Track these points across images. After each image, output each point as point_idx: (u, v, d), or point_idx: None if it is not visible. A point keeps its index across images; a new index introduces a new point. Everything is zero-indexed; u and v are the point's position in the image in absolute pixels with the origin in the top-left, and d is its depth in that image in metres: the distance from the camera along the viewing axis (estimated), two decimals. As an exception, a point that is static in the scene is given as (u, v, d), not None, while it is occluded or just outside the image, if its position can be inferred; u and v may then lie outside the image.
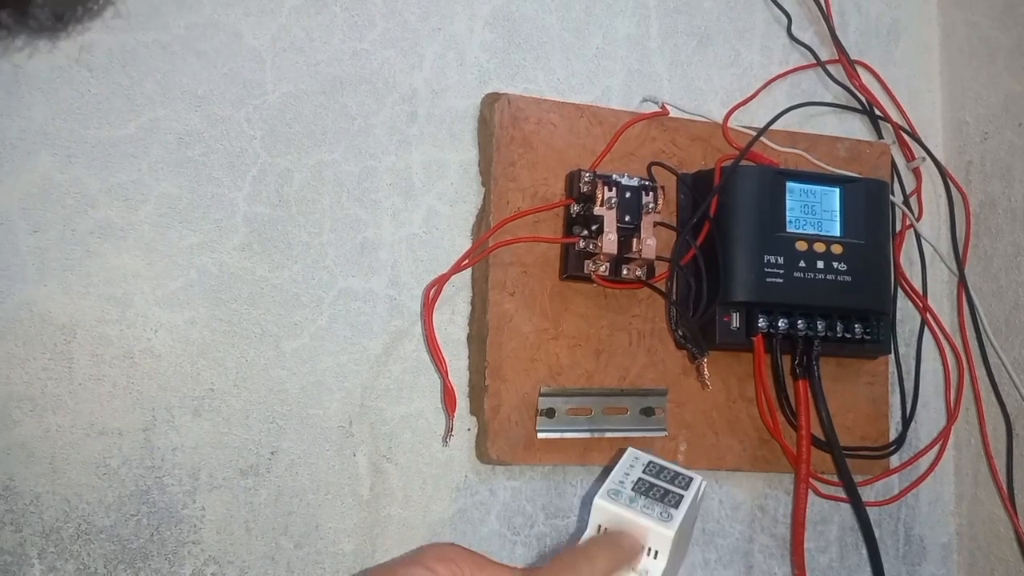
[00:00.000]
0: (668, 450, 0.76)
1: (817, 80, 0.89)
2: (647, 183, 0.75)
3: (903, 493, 0.85)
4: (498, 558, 0.55)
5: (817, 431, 0.79)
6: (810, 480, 0.79)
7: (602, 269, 0.73)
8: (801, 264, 0.77)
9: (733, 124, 0.82)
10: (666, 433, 0.76)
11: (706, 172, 0.79)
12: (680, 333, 0.77)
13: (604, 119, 0.78)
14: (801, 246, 0.77)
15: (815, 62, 0.88)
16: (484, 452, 0.73)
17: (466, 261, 0.73)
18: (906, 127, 0.90)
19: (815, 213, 0.79)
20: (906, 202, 0.88)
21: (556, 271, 0.75)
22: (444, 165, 0.75)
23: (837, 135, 0.87)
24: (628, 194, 0.73)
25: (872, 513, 0.82)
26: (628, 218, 0.73)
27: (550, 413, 0.73)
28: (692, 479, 0.56)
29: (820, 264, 0.77)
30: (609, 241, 0.72)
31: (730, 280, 0.75)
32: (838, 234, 0.79)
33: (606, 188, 0.72)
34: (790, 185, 0.78)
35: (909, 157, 0.90)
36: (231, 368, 0.69)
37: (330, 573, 0.70)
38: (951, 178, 0.89)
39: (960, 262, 0.88)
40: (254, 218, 0.70)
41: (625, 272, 0.74)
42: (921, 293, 0.88)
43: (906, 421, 0.85)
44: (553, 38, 0.80)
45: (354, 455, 0.71)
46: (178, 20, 0.69)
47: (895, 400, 0.86)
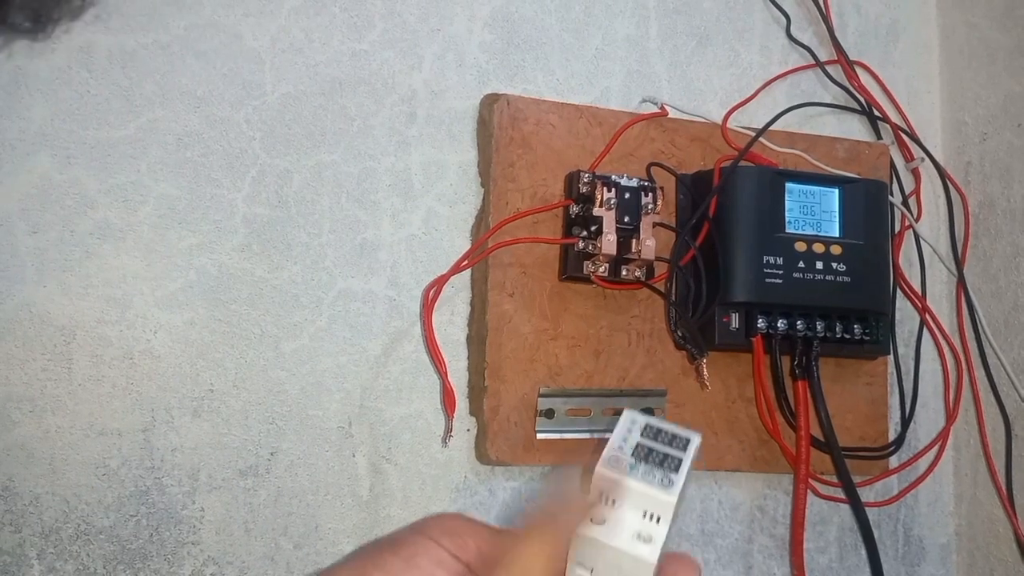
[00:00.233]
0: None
1: (816, 81, 0.89)
2: (646, 184, 0.75)
3: (902, 494, 0.85)
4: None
5: (816, 432, 0.79)
6: (809, 481, 0.79)
7: (601, 270, 0.73)
8: (800, 265, 0.77)
9: (732, 125, 0.82)
10: (665, 434, 0.76)
11: (705, 173, 0.79)
12: (679, 334, 0.77)
13: (603, 120, 0.78)
14: (800, 247, 0.77)
15: (814, 63, 0.88)
16: (483, 453, 0.73)
17: (465, 262, 0.73)
18: (905, 128, 0.90)
19: (814, 214, 0.79)
20: (905, 203, 0.88)
21: (555, 272, 0.75)
22: (443, 166, 0.76)
23: (836, 136, 0.87)
24: (627, 195, 0.73)
25: (871, 514, 0.82)
26: (627, 219, 0.73)
27: (549, 414, 0.73)
28: (690, 440, 0.57)
29: (819, 265, 0.77)
30: (608, 242, 0.72)
31: (729, 281, 0.76)
32: (837, 235, 0.79)
33: (605, 189, 0.72)
34: (789, 186, 0.79)
35: (908, 158, 0.90)
36: (230, 369, 0.69)
37: (329, 574, 0.70)
38: (950, 179, 0.90)
39: (959, 263, 0.88)
40: (253, 219, 0.70)
41: (624, 273, 0.74)
42: (920, 294, 0.88)
43: (905, 422, 0.85)
44: (552, 39, 0.80)
45: (353, 456, 0.71)
46: (178, 21, 0.69)
47: (894, 401, 0.86)
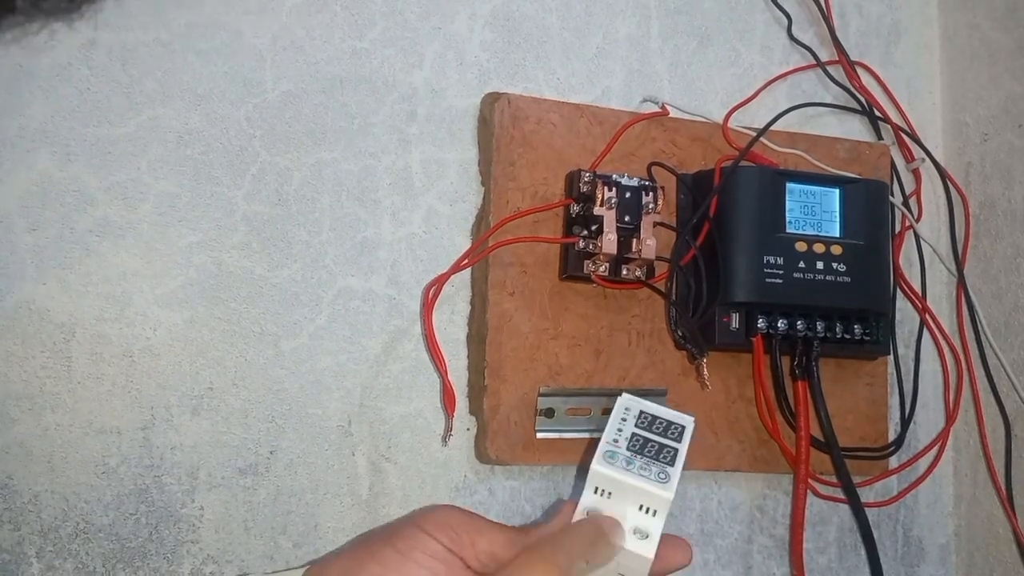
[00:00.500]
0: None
1: (817, 81, 0.89)
2: (647, 183, 0.75)
3: (902, 494, 0.85)
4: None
5: (816, 432, 0.79)
6: (809, 481, 0.79)
7: (602, 269, 0.73)
8: (801, 265, 0.77)
9: (733, 124, 0.82)
10: (665, 433, 0.76)
11: (706, 172, 0.78)
12: (680, 333, 0.77)
13: (604, 119, 0.78)
14: (801, 247, 0.77)
15: (815, 63, 0.88)
16: (483, 452, 0.72)
17: (466, 261, 0.73)
18: (906, 128, 0.90)
19: (815, 214, 0.79)
20: (906, 203, 0.88)
21: (556, 271, 0.75)
22: (444, 164, 0.75)
23: (837, 136, 0.87)
24: (628, 194, 0.73)
25: (871, 514, 0.82)
26: (628, 218, 0.73)
27: (549, 413, 0.73)
28: (684, 427, 0.57)
29: (820, 265, 0.77)
30: (609, 241, 0.72)
31: (730, 280, 0.75)
32: (838, 235, 0.79)
33: (606, 188, 0.72)
34: (790, 186, 0.78)
35: (909, 158, 0.90)
36: (230, 367, 0.69)
37: (329, 573, 0.70)
38: (951, 179, 0.89)
39: (959, 263, 0.88)
40: (253, 217, 0.70)
41: (625, 272, 0.74)
42: (920, 294, 0.88)
43: (905, 422, 0.85)
44: (553, 38, 0.80)
45: (353, 455, 0.71)
46: (178, 19, 0.69)
47: (894, 401, 0.86)
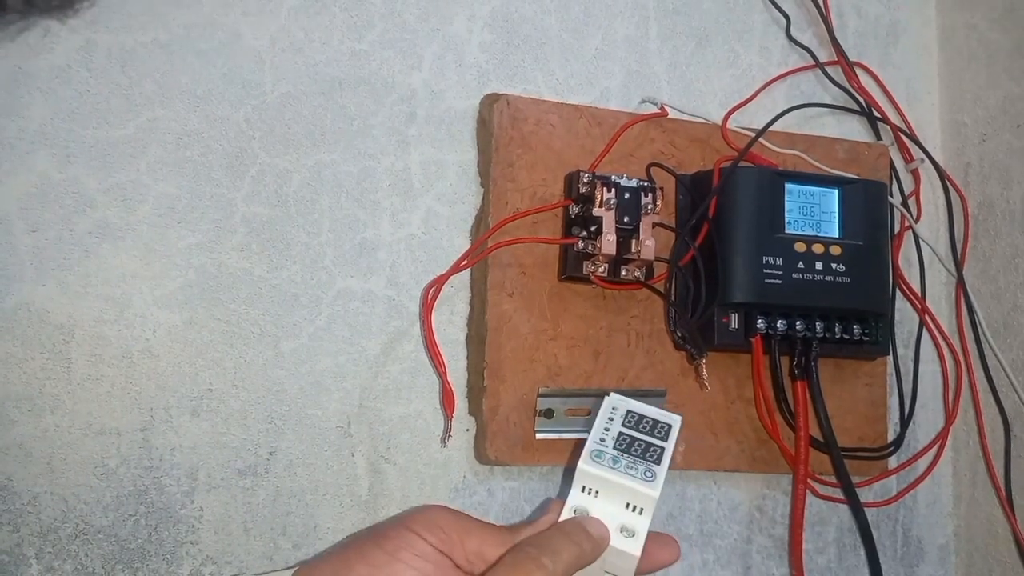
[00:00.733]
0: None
1: (816, 81, 0.89)
2: (646, 184, 0.75)
3: (901, 494, 0.85)
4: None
5: (815, 432, 0.79)
6: (808, 481, 0.79)
7: (601, 270, 0.73)
8: (800, 265, 0.77)
9: (732, 125, 0.82)
10: (664, 434, 0.76)
11: (705, 173, 0.79)
12: (679, 334, 0.77)
13: (603, 120, 0.78)
14: (800, 247, 0.77)
15: (814, 63, 0.88)
16: (482, 453, 0.72)
17: (465, 262, 0.73)
18: (905, 129, 0.90)
19: (814, 214, 0.79)
20: (904, 203, 0.88)
21: (555, 272, 0.75)
22: (443, 166, 0.75)
23: (836, 136, 0.87)
24: (627, 195, 0.73)
25: (870, 514, 0.82)
26: (627, 219, 0.73)
27: (548, 414, 0.73)
28: (671, 426, 0.58)
29: (819, 265, 0.77)
30: (608, 242, 0.72)
31: (729, 281, 0.75)
32: (837, 235, 0.79)
33: (605, 189, 0.72)
34: (789, 186, 0.78)
35: (908, 158, 0.90)
36: (229, 368, 0.69)
37: (328, 574, 0.70)
38: (949, 180, 0.90)
39: (958, 264, 0.88)
40: (253, 218, 0.70)
41: (624, 273, 0.74)
42: (919, 294, 0.88)
43: (904, 422, 0.85)
44: (552, 39, 0.80)
45: (352, 455, 0.71)
46: (177, 20, 0.69)
47: (893, 401, 0.86)
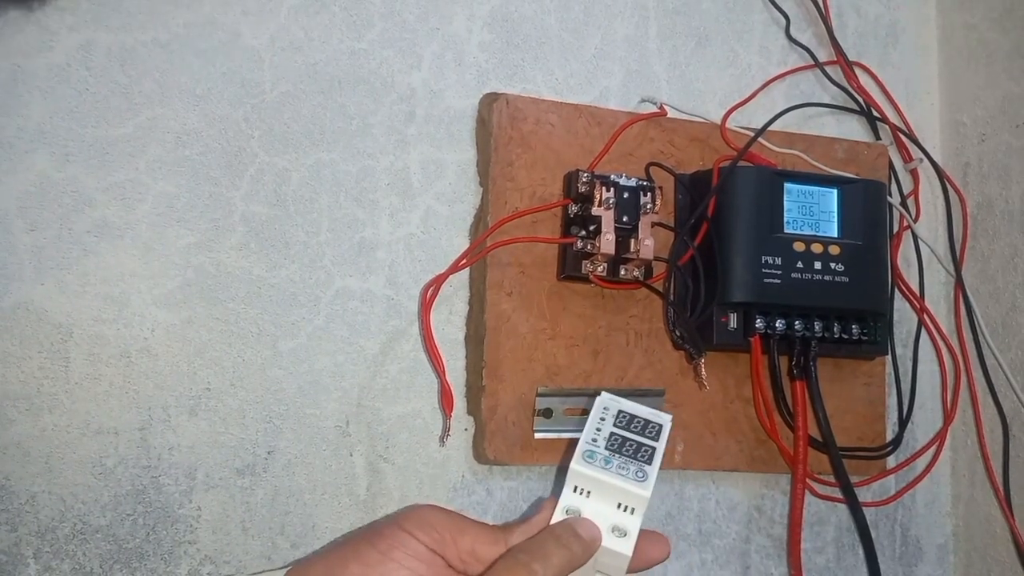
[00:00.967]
0: (665, 450, 0.76)
1: (815, 81, 0.89)
2: (645, 183, 0.75)
3: (900, 494, 0.85)
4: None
5: (814, 432, 0.79)
6: (807, 481, 0.79)
7: (600, 269, 0.73)
8: (799, 265, 0.77)
9: (731, 125, 0.82)
10: (663, 434, 0.76)
11: (704, 173, 0.79)
12: (678, 334, 0.77)
13: (602, 119, 0.78)
14: (799, 247, 0.77)
15: (813, 63, 0.88)
16: (481, 452, 0.72)
17: (464, 261, 0.73)
18: (904, 128, 0.90)
19: (813, 214, 0.79)
20: (903, 203, 0.88)
21: (554, 271, 0.75)
22: (442, 165, 0.75)
23: (835, 136, 0.87)
24: (626, 194, 0.73)
25: (869, 514, 0.82)
26: (626, 218, 0.73)
27: (547, 413, 0.73)
28: (661, 426, 0.59)
29: (818, 265, 0.77)
30: (607, 241, 0.72)
31: (728, 281, 0.75)
32: (836, 235, 0.79)
33: (604, 188, 0.72)
34: (788, 186, 0.78)
35: (907, 158, 0.90)
36: (228, 368, 0.69)
37: (327, 573, 0.70)
38: (948, 179, 0.90)
39: (957, 263, 0.88)
40: (252, 217, 0.70)
41: (623, 272, 0.74)
42: (918, 294, 0.88)
43: (903, 422, 0.85)
44: (552, 38, 0.80)
45: (351, 455, 0.71)
46: (177, 19, 0.69)
47: (892, 401, 0.86)
